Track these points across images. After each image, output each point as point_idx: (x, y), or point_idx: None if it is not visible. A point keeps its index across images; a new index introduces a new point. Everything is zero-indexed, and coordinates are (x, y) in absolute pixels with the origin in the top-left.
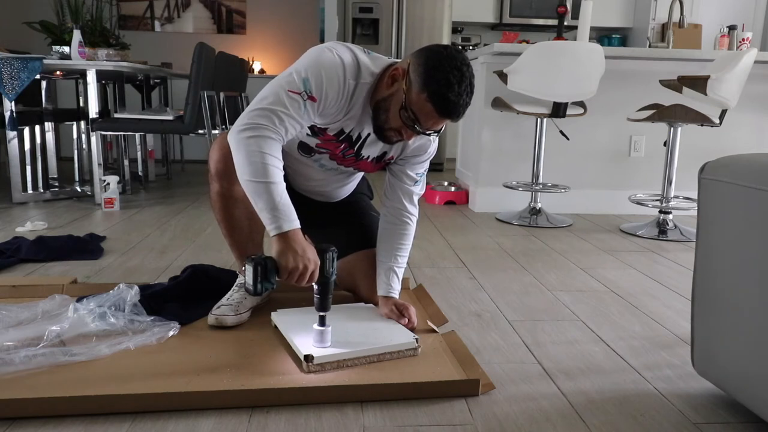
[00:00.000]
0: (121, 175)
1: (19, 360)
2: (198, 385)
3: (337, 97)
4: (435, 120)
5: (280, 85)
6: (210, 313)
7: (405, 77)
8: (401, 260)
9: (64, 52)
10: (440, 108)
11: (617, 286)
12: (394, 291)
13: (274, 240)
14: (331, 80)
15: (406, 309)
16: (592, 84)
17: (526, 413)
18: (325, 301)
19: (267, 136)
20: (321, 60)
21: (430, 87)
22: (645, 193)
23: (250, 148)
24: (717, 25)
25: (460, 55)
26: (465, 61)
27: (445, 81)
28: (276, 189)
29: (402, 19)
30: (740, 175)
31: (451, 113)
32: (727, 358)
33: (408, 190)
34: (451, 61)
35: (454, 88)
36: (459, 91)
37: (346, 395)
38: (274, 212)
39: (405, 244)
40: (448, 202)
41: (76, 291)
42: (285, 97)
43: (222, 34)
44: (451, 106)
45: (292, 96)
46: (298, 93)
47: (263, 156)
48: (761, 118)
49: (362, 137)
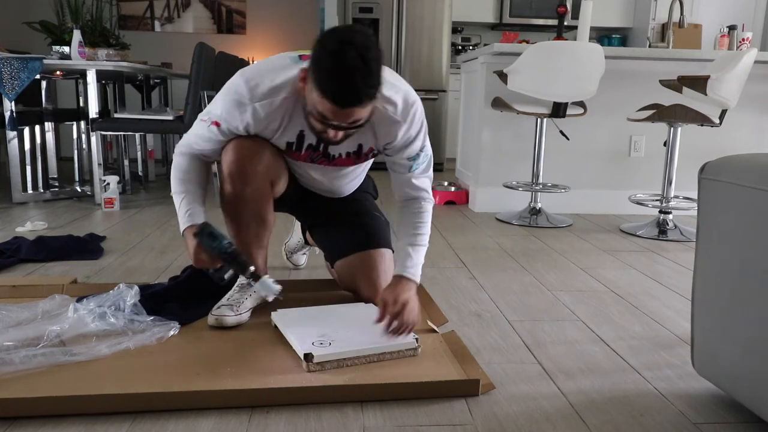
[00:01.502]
0: (121, 175)
1: (19, 360)
2: (198, 385)
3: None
4: (339, 113)
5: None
6: (210, 313)
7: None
8: (417, 238)
9: (64, 52)
10: (336, 102)
11: (617, 286)
12: (406, 270)
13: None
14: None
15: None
16: (592, 84)
17: (526, 413)
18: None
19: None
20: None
21: (319, 84)
22: (645, 193)
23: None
24: (717, 25)
25: (338, 35)
26: (346, 39)
27: (328, 73)
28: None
29: (402, 19)
30: (740, 175)
31: (349, 102)
32: (727, 358)
33: (405, 179)
34: (331, 45)
35: (339, 76)
36: (345, 77)
37: (346, 395)
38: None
39: (419, 222)
40: (448, 202)
41: (76, 291)
42: (198, 123)
43: (222, 34)
44: (344, 95)
45: (200, 123)
46: (204, 121)
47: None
48: (761, 118)
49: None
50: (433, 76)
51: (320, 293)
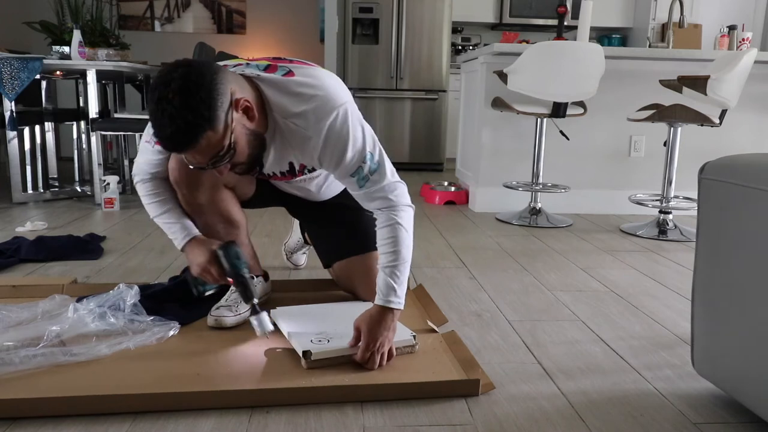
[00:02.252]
0: (121, 175)
1: (19, 360)
2: (198, 385)
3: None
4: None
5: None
6: (209, 314)
7: None
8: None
9: (64, 52)
10: (167, 148)
11: (617, 286)
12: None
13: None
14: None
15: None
16: (592, 84)
17: (526, 413)
18: (240, 291)
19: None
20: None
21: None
22: (645, 193)
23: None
24: (717, 25)
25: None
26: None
27: (152, 123)
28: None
29: (402, 19)
30: (740, 175)
31: (173, 148)
32: (727, 358)
33: (360, 195)
34: (150, 95)
35: (157, 125)
36: (161, 126)
37: (346, 395)
38: (173, 236)
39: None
40: (448, 202)
41: (76, 291)
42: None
43: (222, 34)
44: (167, 142)
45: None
46: (147, 141)
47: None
48: (761, 118)
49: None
50: (433, 76)
51: (320, 293)
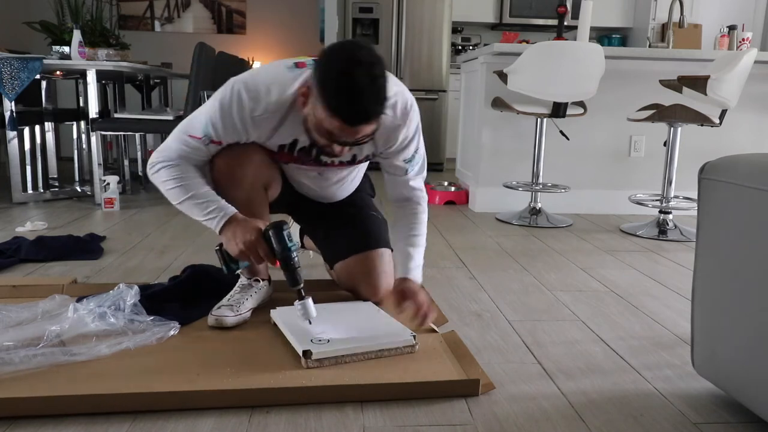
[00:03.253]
0: (121, 175)
1: (19, 360)
2: (198, 385)
3: (241, 132)
4: (351, 131)
5: (184, 130)
6: (210, 313)
7: (311, 95)
8: (414, 239)
9: (64, 52)
10: (347, 120)
11: (617, 286)
12: (408, 272)
13: (222, 235)
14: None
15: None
16: (592, 84)
17: (526, 413)
18: (289, 275)
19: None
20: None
21: (328, 103)
22: (645, 193)
23: (161, 179)
24: (717, 25)
25: (345, 53)
26: (353, 59)
27: (338, 91)
28: (196, 200)
29: (402, 19)
30: (740, 175)
31: (360, 120)
32: (727, 358)
33: (401, 181)
34: (338, 66)
35: (349, 96)
36: (356, 97)
37: (346, 395)
38: (207, 217)
39: (415, 222)
40: (448, 202)
41: (76, 291)
42: (186, 140)
43: (222, 34)
44: (355, 114)
45: (192, 140)
46: (198, 138)
47: (174, 181)
48: (761, 118)
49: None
50: (433, 76)
51: (320, 293)
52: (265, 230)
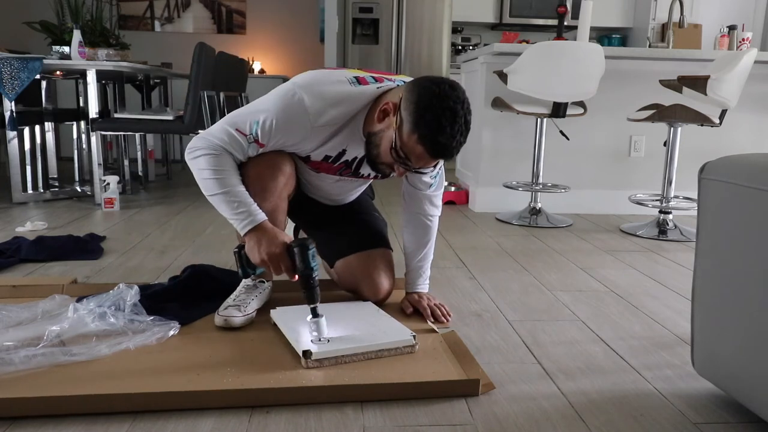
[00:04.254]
0: (121, 175)
1: (19, 360)
2: (198, 385)
3: (294, 139)
4: (426, 160)
5: (237, 120)
6: (217, 313)
7: (396, 113)
8: (426, 252)
9: (64, 52)
10: (431, 151)
11: (617, 286)
12: (418, 287)
13: (246, 238)
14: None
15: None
16: (592, 84)
17: (526, 413)
18: (308, 293)
19: (212, 154)
20: (282, 113)
21: (421, 129)
22: (645, 193)
23: (198, 167)
24: (717, 25)
25: (454, 93)
26: (459, 98)
27: (437, 124)
28: (229, 196)
29: (402, 19)
30: (740, 175)
31: (444, 155)
32: (727, 358)
33: (424, 195)
34: (443, 101)
35: (446, 131)
36: (451, 133)
37: (346, 395)
38: (236, 215)
39: (429, 237)
40: (448, 202)
41: (76, 291)
42: (233, 134)
43: (222, 34)
44: (443, 149)
45: (237, 135)
46: (245, 135)
47: (211, 171)
48: (761, 118)
49: (357, 158)
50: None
51: (321, 293)
52: (290, 246)
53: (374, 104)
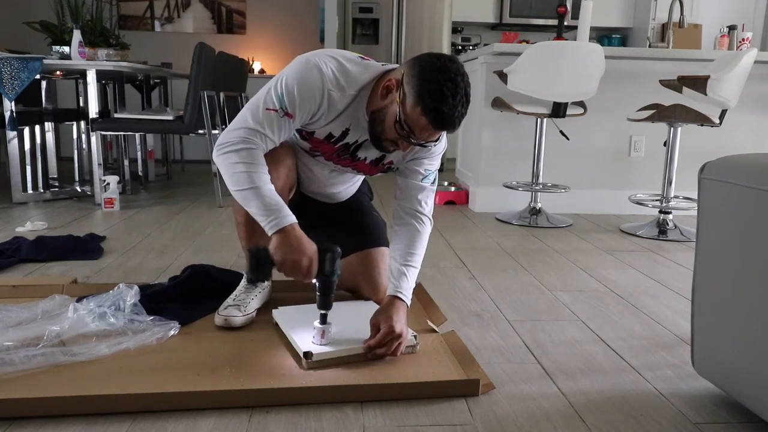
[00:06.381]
0: (121, 175)
1: (19, 360)
2: (198, 385)
3: (316, 109)
4: (430, 132)
5: (259, 102)
6: (217, 313)
7: (399, 89)
8: (412, 259)
9: (64, 52)
10: (435, 121)
11: (617, 286)
12: (400, 290)
13: (273, 237)
14: (306, 97)
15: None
16: (592, 84)
17: (526, 413)
18: (324, 298)
19: (245, 148)
20: (300, 75)
21: (424, 100)
22: (645, 193)
23: (230, 161)
24: (717, 25)
25: (454, 65)
26: (459, 71)
27: (439, 94)
28: (261, 191)
29: (402, 19)
30: (740, 175)
31: (446, 125)
32: (727, 358)
33: (417, 186)
34: (444, 73)
35: (449, 101)
36: (453, 104)
37: (346, 395)
38: (266, 213)
39: (416, 244)
40: (448, 202)
41: (76, 291)
42: (262, 115)
43: (222, 34)
44: (446, 118)
45: (269, 114)
46: (275, 110)
47: (244, 165)
48: (761, 118)
49: (359, 141)
50: None
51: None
52: (321, 249)
53: (377, 83)
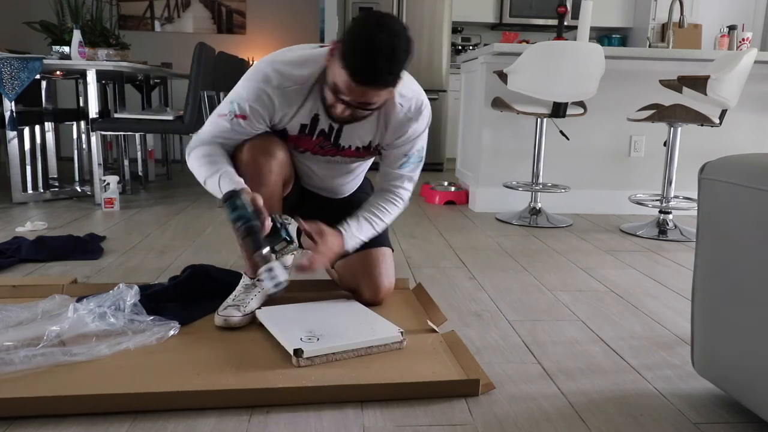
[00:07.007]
0: (121, 175)
1: (19, 360)
2: (198, 385)
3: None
4: (353, 89)
5: (213, 113)
6: (216, 313)
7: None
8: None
9: (64, 52)
10: (353, 75)
11: (617, 286)
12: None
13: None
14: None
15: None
16: (592, 84)
17: (526, 413)
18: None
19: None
20: (247, 77)
21: (344, 55)
22: (645, 193)
23: (193, 160)
24: (717, 25)
25: (383, 20)
26: (384, 25)
27: (355, 47)
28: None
29: (402, 19)
30: (740, 175)
31: (365, 80)
32: (727, 358)
33: (394, 174)
34: (364, 28)
35: (366, 53)
36: (371, 56)
37: (346, 395)
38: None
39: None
40: (448, 202)
41: (76, 291)
42: (214, 120)
43: (222, 34)
44: (361, 72)
45: (219, 119)
46: (225, 115)
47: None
48: (761, 118)
49: (334, 128)
50: (433, 76)
51: (319, 293)
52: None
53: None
